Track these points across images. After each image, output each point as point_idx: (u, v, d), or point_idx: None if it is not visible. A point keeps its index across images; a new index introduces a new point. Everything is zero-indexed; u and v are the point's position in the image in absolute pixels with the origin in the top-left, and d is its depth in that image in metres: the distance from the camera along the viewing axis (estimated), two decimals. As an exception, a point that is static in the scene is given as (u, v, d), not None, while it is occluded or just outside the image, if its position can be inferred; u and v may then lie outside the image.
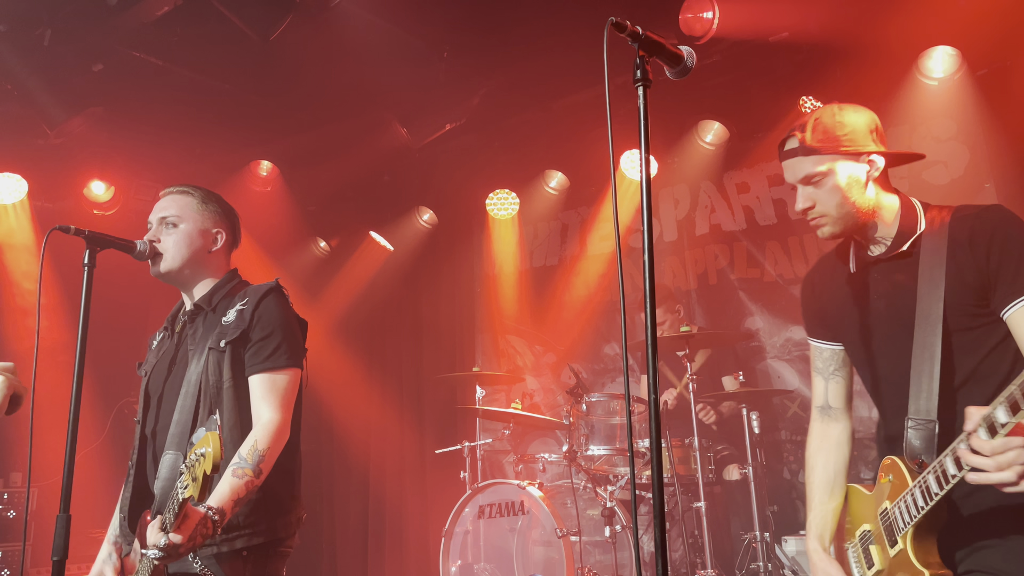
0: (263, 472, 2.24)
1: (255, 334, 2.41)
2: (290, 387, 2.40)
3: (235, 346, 2.40)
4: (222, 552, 2.28)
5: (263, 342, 2.40)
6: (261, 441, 2.26)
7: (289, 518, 2.43)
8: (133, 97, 5.12)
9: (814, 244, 5.46)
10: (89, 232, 2.36)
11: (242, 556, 2.30)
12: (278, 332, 2.42)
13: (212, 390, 2.38)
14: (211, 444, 1.84)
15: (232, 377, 2.38)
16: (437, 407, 6.50)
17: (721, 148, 5.68)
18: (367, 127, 5.69)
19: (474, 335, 6.98)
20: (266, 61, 4.87)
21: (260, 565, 2.34)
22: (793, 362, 5.49)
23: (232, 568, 2.29)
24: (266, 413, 2.33)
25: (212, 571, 2.27)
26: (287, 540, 2.42)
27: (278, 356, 2.40)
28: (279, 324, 2.43)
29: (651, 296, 1.57)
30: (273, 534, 2.36)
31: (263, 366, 2.38)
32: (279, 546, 2.40)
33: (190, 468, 1.91)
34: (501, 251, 6.81)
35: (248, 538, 2.31)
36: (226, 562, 2.29)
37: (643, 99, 1.60)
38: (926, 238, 2.06)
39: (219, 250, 2.62)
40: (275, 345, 2.40)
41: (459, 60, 5.10)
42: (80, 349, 2.28)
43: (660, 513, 1.51)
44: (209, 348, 2.41)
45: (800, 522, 5.20)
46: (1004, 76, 4.69)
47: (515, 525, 4.52)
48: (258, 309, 2.43)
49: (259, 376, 2.38)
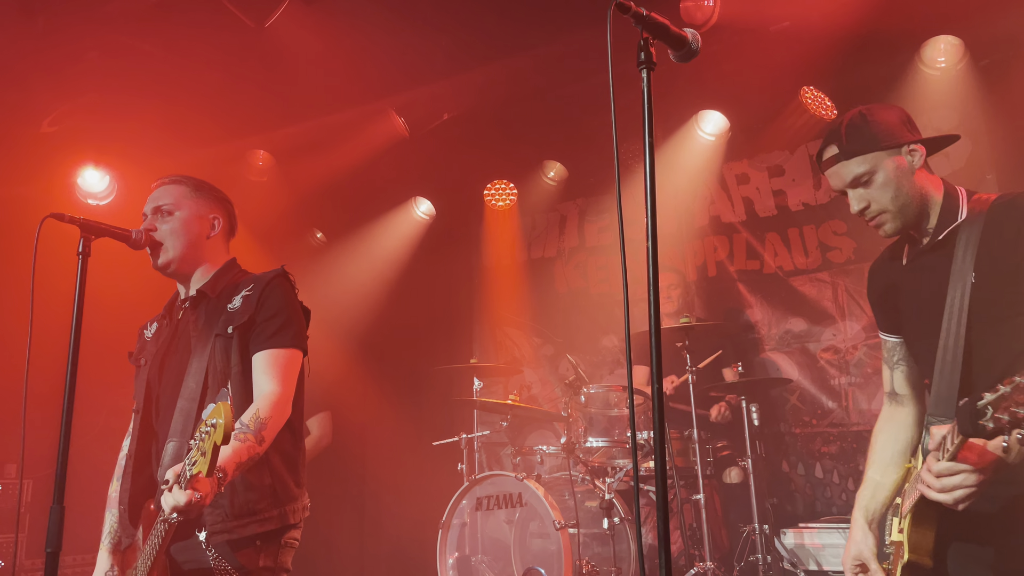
0: (265, 440, 2.22)
1: (260, 316, 2.40)
2: (292, 364, 2.40)
3: (242, 332, 2.39)
4: (235, 539, 2.27)
5: (267, 322, 2.40)
6: (263, 410, 2.25)
7: (296, 505, 2.42)
8: (127, 85, 5.06)
9: (814, 236, 5.43)
10: (83, 220, 2.33)
11: (255, 545, 2.30)
12: (282, 313, 2.42)
13: (220, 377, 2.36)
14: (222, 415, 1.82)
15: (240, 362, 2.38)
16: (434, 399, 6.47)
17: (721, 139, 5.65)
18: (364, 116, 5.64)
19: (472, 327, 6.95)
20: (261, 49, 4.82)
21: (271, 555, 2.33)
22: (792, 354, 5.47)
23: (245, 556, 2.28)
24: (267, 385, 2.33)
25: (226, 559, 2.25)
26: (295, 528, 2.41)
27: (282, 335, 2.39)
28: (284, 306, 2.43)
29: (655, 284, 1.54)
30: (283, 520, 2.36)
31: (266, 344, 2.38)
32: (288, 534, 2.39)
33: (199, 442, 1.90)
34: (499, 242, 6.78)
35: (261, 524, 2.30)
36: (240, 550, 2.27)
37: (647, 82, 1.57)
38: (964, 227, 2.08)
39: (217, 236, 2.60)
40: (279, 325, 2.40)
41: (457, 49, 5.05)
42: (74, 339, 2.24)
43: (664, 506, 1.48)
44: (216, 335, 2.40)
45: (799, 515, 5.19)
46: (1007, 66, 4.66)
47: (513, 517, 4.49)
48: (264, 293, 2.43)
49: (262, 353, 2.38)
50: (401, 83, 5.38)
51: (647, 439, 4.52)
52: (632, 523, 4.24)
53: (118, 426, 2.72)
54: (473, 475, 4.75)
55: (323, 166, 6.06)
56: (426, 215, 6.82)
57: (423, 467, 6.12)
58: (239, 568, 2.27)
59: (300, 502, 2.45)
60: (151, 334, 2.66)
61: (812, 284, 5.43)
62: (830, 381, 5.31)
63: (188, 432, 2.31)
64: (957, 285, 2.02)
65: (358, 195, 6.52)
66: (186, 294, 2.58)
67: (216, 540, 2.25)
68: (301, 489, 2.47)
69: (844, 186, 2.17)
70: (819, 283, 5.41)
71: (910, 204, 2.12)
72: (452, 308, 6.97)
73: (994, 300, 1.98)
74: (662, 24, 1.61)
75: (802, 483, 5.33)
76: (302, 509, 2.45)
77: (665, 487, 1.50)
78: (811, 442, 5.33)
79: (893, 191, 2.11)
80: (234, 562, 2.26)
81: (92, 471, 3.26)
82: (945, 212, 2.13)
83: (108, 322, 3.68)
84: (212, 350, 2.38)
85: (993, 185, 4.75)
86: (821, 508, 5.23)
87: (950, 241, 2.09)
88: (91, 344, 2.39)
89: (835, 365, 5.31)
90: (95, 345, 3.60)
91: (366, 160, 5.93)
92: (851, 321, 5.27)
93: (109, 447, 2.74)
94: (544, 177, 6.44)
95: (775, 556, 4.56)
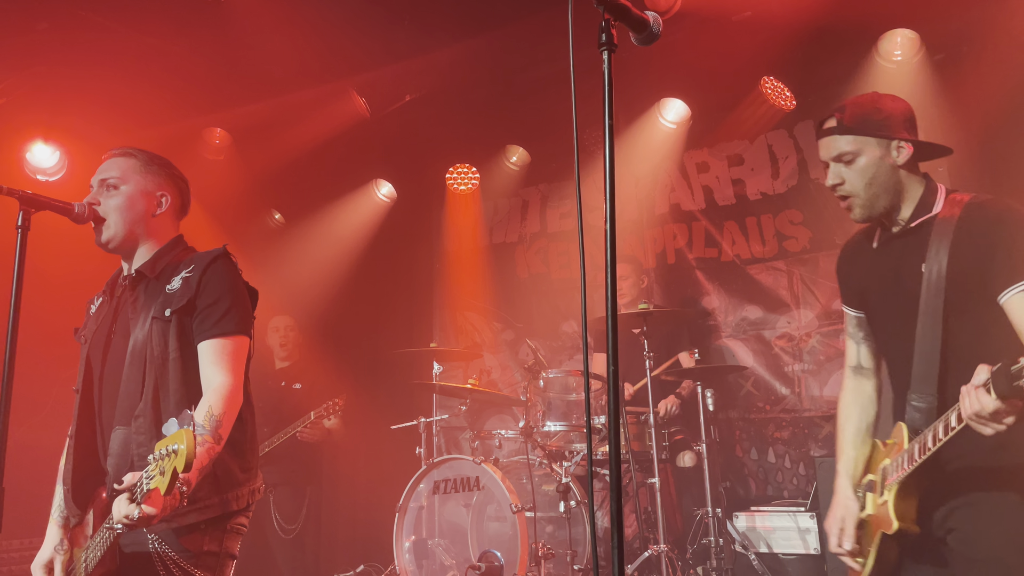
0: (222, 438, 2.16)
1: (201, 301, 2.32)
2: (239, 352, 2.33)
3: (181, 315, 2.31)
4: (176, 527, 2.21)
5: (210, 308, 2.31)
6: (216, 406, 2.18)
7: (241, 491, 2.35)
8: (79, 58, 4.91)
9: (771, 225, 5.51)
10: (22, 192, 2.25)
11: (199, 528, 2.24)
12: (226, 298, 2.33)
13: (157, 361, 2.28)
14: (184, 442, 1.77)
15: (178, 347, 2.29)
16: (393, 383, 6.44)
17: (682, 127, 5.69)
18: (325, 96, 5.56)
19: (432, 311, 6.93)
20: (219, 24, 4.71)
21: (217, 540, 2.28)
22: (748, 341, 5.55)
23: (189, 541, 2.22)
24: (217, 377, 2.25)
25: (170, 545, 2.20)
26: (240, 514, 2.35)
27: (226, 322, 2.31)
28: (227, 290, 2.34)
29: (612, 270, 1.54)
30: (225, 507, 2.29)
31: (211, 332, 2.30)
32: (232, 520, 2.33)
33: (159, 460, 1.84)
34: (460, 226, 6.76)
35: (200, 512, 2.23)
36: (184, 535, 2.22)
37: (607, 64, 1.57)
38: (938, 221, 2.18)
39: (164, 214, 2.50)
40: (223, 311, 2.31)
41: (420, 29, 5.00)
42: (12, 317, 2.18)
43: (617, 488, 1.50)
44: (153, 318, 2.31)
45: (751, 499, 5.29)
46: (961, 61, 4.75)
47: (470, 501, 4.50)
48: (205, 275, 2.34)
49: (208, 342, 2.29)
50: (363, 63, 5.31)
51: (604, 424, 4.56)
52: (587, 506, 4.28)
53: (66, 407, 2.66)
54: (431, 459, 4.75)
55: (282, 146, 5.97)
56: (387, 198, 6.77)
57: (381, 451, 6.09)
58: (182, 552, 2.21)
59: (246, 487, 2.37)
60: (94, 310, 2.59)
61: (768, 272, 5.51)
62: (784, 368, 5.41)
63: (130, 419, 2.25)
64: (933, 272, 2.14)
65: (318, 176, 6.44)
66: (128, 271, 2.49)
67: (158, 528, 2.20)
68: (248, 474, 2.39)
69: (829, 158, 2.25)
70: (775, 271, 5.49)
71: (880, 196, 2.21)
72: (413, 292, 6.93)
73: (966, 290, 2.11)
74: (623, 5, 1.61)
75: (754, 467, 5.43)
76: (249, 494, 2.38)
77: (619, 470, 1.51)
78: (764, 427, 5.43)
79: (868, 178, 2.19)
80: (177, 546, 2.21)
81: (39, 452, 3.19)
82: (921, 205, 2.22)
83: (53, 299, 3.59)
84: (149, 333, 2.30)
85: (944, 177, 4.86)
86: (772, 492, 5.33)
87: (923, 231, 2.20)
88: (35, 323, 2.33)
89: (789, 352, 5.40)
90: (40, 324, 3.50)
91: (326, 141, 5.85)
92: (805, 309, 5.37)
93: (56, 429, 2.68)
94: (507, 162, 6.43)
95: (727, 539, 4.64)
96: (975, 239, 2.11)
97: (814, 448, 5.20)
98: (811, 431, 5.27)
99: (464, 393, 4.98)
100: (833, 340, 5.23)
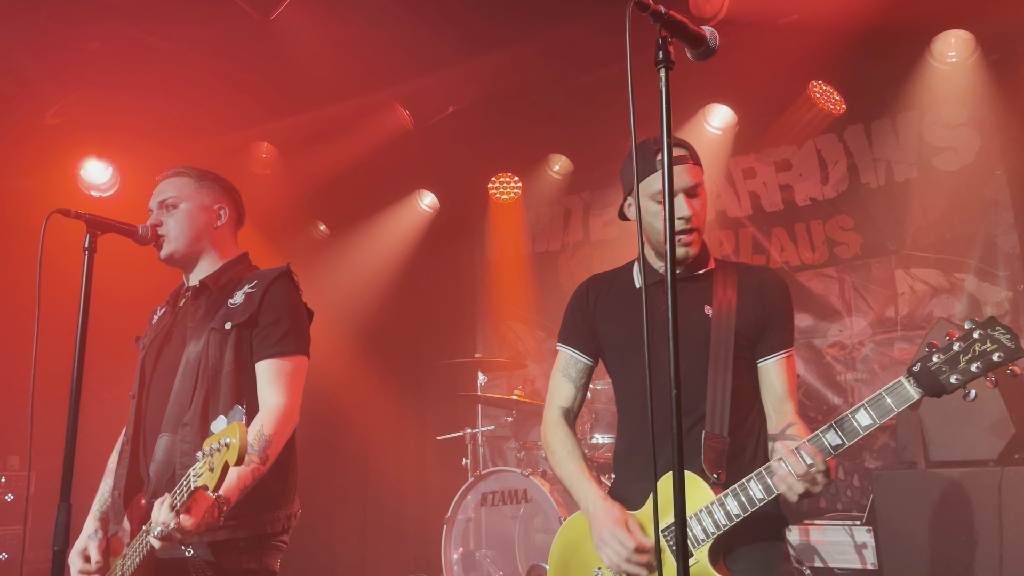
0: (269, 459, 2.16)
1: (263, 319, 2.34)
2: (298, 373, 2.34)
3: (241, 329, 2.33)
4: (211, 542, 2.20)
5: (271, 327, 2.33)
6: (267, 426, 2.18)
7: (278, 514, 2.33)
8: (130, 77, 5.03)
9: (820, 231, 5.40)
10: (89, 215, 2.29)
11: (238, 547, 2.23)
12: (287, 318, 2.35)
13: (211, 372, 2.30)
14: (237, 436, 1.77)
15: (234, 360, 2.31)
16: (438, 394, 6.46)
17: (728, 133, 5.62)
18: (369, 108, 5.60)
19: (475, 321, 6.93)
20: (265, 40, 4.78)
21: (256, 557, 2.27)
22: (799, 350, 5.44)
23: (229, 559, 2.21)
24: (273, 397, 2.26)
25: (207, 562, 2.19)
26: (277, 536, 2.33)
27: (287, 342, 2.33)
28: (288, 310, 2.37)
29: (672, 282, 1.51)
30: (259, 528, 2.27)
31: (271, 351, 2.31)
32: (270, 540, 2.32)
33: (208, 456, 1.84)
34: (503, 236, 6.75)
35: (232, 530, 2.21)
36: (221, 552, 2.21)
37: (665, 80, 1.54)
38: (717, 272, 2.30)
39: (224, 226, 2.56)
40: (284, 331, 2.33)
41: (463, 41, 5.01)
42: (80, 335, 2.22)
43: (680, 504, 1.47)
44: (212, 329, 2.34)
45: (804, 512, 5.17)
46: (1018, 61, 4.62)
47: (517, 513, 4.48)
48: (268, 293, 2.36)
49: (267, 362, 2.31)
50: (406, 75, 5.34)
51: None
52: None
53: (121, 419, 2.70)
54: (478, 470, 4.74)
55: (327, 158, 6.03)
56: (430, 208, 6.79)
57: (427, 462, 6.11)
58: (217, 568, 2.20)
59: (283, 511, 2.35)
60: (156, 320, 2.63)
61: (818, 279, 5.40)
62: (836, 377, 5.29)
63: (178, 428, 2.26)
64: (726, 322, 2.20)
65: (362, 187, 6.49)
66: (189, 283, 2.54)
67: (194, 542, 2.19)
68: (286, 497, 2.37)
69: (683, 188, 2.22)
70: (825, 279, 5.38)
71: None
72: (456, 302, 6.94)
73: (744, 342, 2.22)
74: (681, 22, 1.58)
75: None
76: (286, 518, 2.36)
77: (683, 485, 1.48)
78: (816, 438, 5.30)
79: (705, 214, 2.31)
80: (214, 563, 2.20)
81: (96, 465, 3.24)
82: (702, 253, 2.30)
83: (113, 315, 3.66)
84: (206, 344, 2.32)
85: (1003, 181, 4.72)
86: (826, 504, 5.21)
87: (706, 279, 2.28)
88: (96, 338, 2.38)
89: (841, 361, 5.29)
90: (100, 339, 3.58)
91: (370, 152, 5.90)
92: (857, 317, 5.25)
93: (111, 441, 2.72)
94: (549, 170, 6.41)
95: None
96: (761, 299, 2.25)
97: (869, 459, 5.08)
98: (866, 442, 5.14)
99: (510, 404, 4.97)
100: (887, 349, 5.11)
